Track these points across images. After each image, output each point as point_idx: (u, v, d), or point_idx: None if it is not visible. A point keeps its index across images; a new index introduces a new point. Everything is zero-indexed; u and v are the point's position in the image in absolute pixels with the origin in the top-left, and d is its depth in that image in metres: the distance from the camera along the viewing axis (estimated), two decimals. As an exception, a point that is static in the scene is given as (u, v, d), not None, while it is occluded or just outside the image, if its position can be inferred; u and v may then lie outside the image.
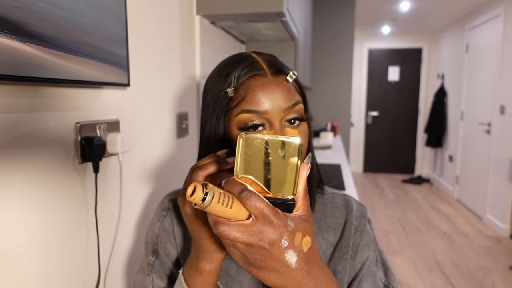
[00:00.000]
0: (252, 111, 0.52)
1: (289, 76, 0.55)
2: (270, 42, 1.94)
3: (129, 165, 0.91)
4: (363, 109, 5.95)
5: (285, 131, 0.54)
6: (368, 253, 0.61)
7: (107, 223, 0.83)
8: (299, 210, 0.41)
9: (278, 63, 0.57)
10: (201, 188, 0.35)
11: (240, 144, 0.39)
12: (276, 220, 0.37)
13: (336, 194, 0.67)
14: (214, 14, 1.28)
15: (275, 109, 0.52)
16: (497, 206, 3.45)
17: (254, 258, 0.38)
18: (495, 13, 3.55)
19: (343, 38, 3.67)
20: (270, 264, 0.38)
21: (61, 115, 0.67)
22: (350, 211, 0.64)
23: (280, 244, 0.37)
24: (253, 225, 0.37)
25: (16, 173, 0.58)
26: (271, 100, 0.53)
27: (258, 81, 0.53)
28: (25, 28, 0.54)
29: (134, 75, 0.92)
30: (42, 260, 0.64)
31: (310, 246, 0.41)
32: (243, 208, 0.37)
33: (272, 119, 0.53)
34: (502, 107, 3.40)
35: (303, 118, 0.55)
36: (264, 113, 0.52)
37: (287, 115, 0.54)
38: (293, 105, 0.54)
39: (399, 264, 2.81)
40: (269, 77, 0.54)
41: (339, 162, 2.22)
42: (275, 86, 0.53)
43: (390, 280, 0.60)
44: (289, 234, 0.38)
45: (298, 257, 0.39)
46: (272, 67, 0.56)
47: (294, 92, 0.55)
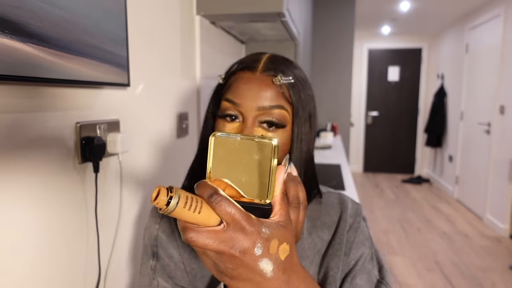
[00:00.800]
0: (229, 100, 0.55)
1: (276, 79, 0.54)
2: (270, 42, 1.94)
3: (129, 165, 0.91)
4: (363, 109, 5.95)
5: (256, 131, 0.54)
6: (363, 250, 0.61)
7: (107, 223, 0.83)
8: (276, 215, 0.38)
9: (279, 64, 0.57)
10: (165, 191, 0.32)
11: (212, 144, 0.37)
12: (248, 226, 0.35)
13: (331, 193, 0.68)
14: (214, 14, 1.28)
15: (249, 104, 0.53)
16: (497, 206, 3.45)
17: (226, 267, 0.35)
18: (495, 13, 3.55)
19: (343, 38, 3.67)
20: (243, 273, 0.35)
21: (61, 115, 0.67)
22: (345, 209, 0.64)
23: (253, 252, 0.35)
24: (224, 232, 0.34)
25: (16, 173, 0.58)
26: (248, 95, 0.53)
27: (245, 74, 0.56)
28: (25, 28, 0.54)
29: (134, 75, 0.92)
30: (42, 260, 0.64)
31: (289, 254, 0.38)
32: (214, 214, 0.35)
33: (245, 113, 0.53)
34: (502, 107, 3.40)
35: (280, 124, 0.54)
36: (238, 105, 0.54)
37: (262, 115, 0.54)
38: (270, 107, 0.53)
39: (399, 264, 2.81)
40: (257, 73, 0.55)
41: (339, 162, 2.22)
42: (258, 83, 0.54)
43: (383, 276, 0.60)
44: (263, 241, 0.35)
45: (274, 266, 0.36)
46: (266, 66, 0.56)
47: (279, 96, 0.54)
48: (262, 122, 0.54)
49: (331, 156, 2.50)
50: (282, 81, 0.55)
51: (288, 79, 0.55)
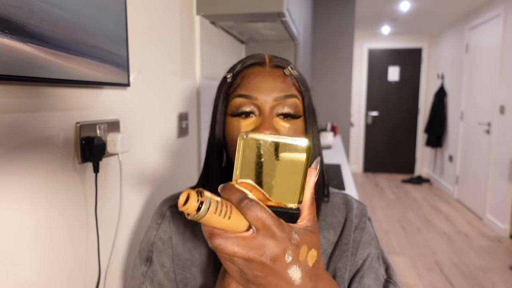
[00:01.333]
0: (243, 95, 0.54)
1: (286, 70, 0.56)
2: (270, 42, 1.94)
3: (129, 165, 0.91)
4: (363, 109, 5.95)
5: (274, 122, 0.54)
6: (370, 250, 0.61)
7: (107, 223, 0.83)
8: (304, 220, 0.37)
9: (284, 61, 0.59)
10: (196, 196, 0.31)
11: (241, 146, 0.34)
12: (279, 232, 0.33)
13: (335, 193, 0.67)
14: (214, 14, 1.28)
15: (265, 96, 0.53)
16: (497, 206, 3.45)
17: (254, 275, 0.34)
18: (495, 13, 3.55)
19: (343, 38, 3.67)
20: (272, 281, 0.34)
21: (61, 115, 0.67)
22: (350, 209, 0.64)
23: (284, 259, 0.33)
24: (254, 238, 0.33)
25: (16, 173, 0.58)
26: (263, 87, 0.54)
27: (255, 69, 0.56)
28: (25, 28, 0.54)
29: (134, 75, 0.92)
30: (42, 260, 0.64)
31: (316, 260, 0.36)
32: (243, 219, 0.33)
33: (262, 106, 0.53)
34: (502, 107, 3.40)
35: (296, 114, 0.55)
36: (254, 98, 0.53)
37: (279, 106, 0.54)
38: (285, 96, 0.54)
39: (399, 264, 2.81)
40: (267, 67, 0.57)
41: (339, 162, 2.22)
42: (270, 75, 0.55)
43: (391, 276, 0.60)
44: (294, 248, 0.34)
45: (302, 273, 0.35)
46: (274, 61, 0.58)
47: (291, 86, 0.56)
48: (279, 114, 0.54)
49: (331, 156, 2.50)
50: (292, 72, 0.56)
51: (296, 70, 0.57)
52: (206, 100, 1.39)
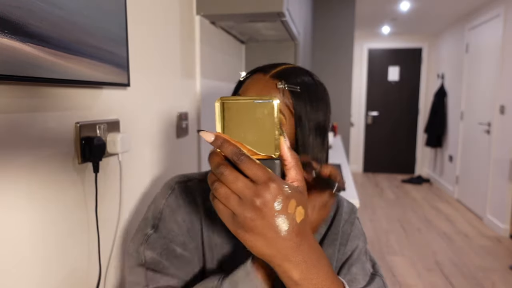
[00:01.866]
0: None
1: (280, 84, 0.58)
2: (270, 42, 1.94)
3: (129, 165, 0.91)
4: (363, 109, 5.95)
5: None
6: (358, 243, 0.66)
7: (107, 223, 0.83)
8: (295, 181, 0.41)
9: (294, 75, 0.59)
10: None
11: (218, 108, 0.40)
12: (272, 183, 0.37)
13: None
14: (214, 14, 1.28)
15: None
16: (497, 206, 3.45)
17: (244, 216, 0.37)
18: (495, 13, 3.55)
19: (343, 38, 3.67)
20: (259, 225, 0.37)
21: (61, 115, 0.67)
22: (341, 205, 0.69)
23: (273, 205, 0.37)
24: (251, 182, 0.37)
25: (16, 173, 0.58)
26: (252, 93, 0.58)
27: (258, 77, 0.60)
28: (25, 28, 0.54)
29: (134, 75, 0.92)
30: (42, 259, 0.64)
31: (303, 218, 0.40)
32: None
33: None
34: (502, 107, 3.40)
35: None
36: None
37: None
38: None
39: (399, 264, 2.81)
40: (267, 77, 0.59)
41: (339, 162, 2.22)
42: (264, 84, 0.58)
43: (377, 270, 0.64)
44: (284, 198, 0.37)
45: (289, 226, 0.38)
46: (280, 72, 0.60)
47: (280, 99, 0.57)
48: None
49: (331, 156, 2.50)
50: (286, 88, 0.57)
51: (294, 88, 0.57)
52: (206, 100, 1.39)
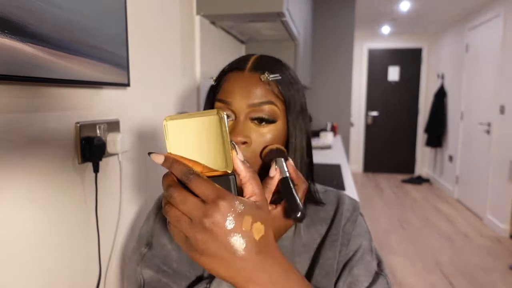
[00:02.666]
0: (221, 100, 0.57)
1: (263, 76, 0.56)
2: (270, 42, 1.94)
3: (129, 165, 0.91)
4: (363, 109, 5.95)
5: (247, 127, 0.56)
6: (361, 241, 0.62)
7: (107, 222, 0.83)
8: (252, 196, 0.38)
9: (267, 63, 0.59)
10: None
11: (166, 129, 0.38)
12: (222, 201, 0.34)
13: (329, 191, 0.70)
14: (214, 14, 1.28)
15: (239, 102, 0.55)
16: (497, 206, 3.45)
17: (196, 239, 0.35)
18: (495, 13, 3.55)
19: (343, 38, 3.67)
20: (212, 247, 0.34)
21: (61, 115, 0.67)
22: (342, 203, 0.66)
23: (224, 225, 0.34)
24: (200, 202, 0.35)
25: (16, 173, 0.58)
26: (238, 93, 0.56)
27: (235, 74, 0.58)
28: (25, 28, 0.54)
29: (134, 75, 0.92)
30: (43, 259, 0.64)
31: (263, 235, 0.37)
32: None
33: (237, 111, 0.56)
34: (502, 107, 3.40)
35: (270, 119, 0.56)
36: (229, 103, 0.56)
37: (252, 112, 0.56)
38: (260, 103, 0.55)
39: (399, 264, 2.81)
40: (245, 72, 0.58)
41: (339, 162, 2.22)
42: (247, 80, 0.56)
43: (382, 269, 0.60)
44: (236, 215, 0.35)
45: (247, 244, 0.35)
46: (254, 65, 0.58)
47: (268, 92, 0.56)
48: (253, 118, 0.56)
49: (331, 156, 2.50)
50: (270, 78, 0.56)
51: (275, 76, 0.57)
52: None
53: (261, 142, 0.56)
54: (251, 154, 0.56)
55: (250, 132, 0.56)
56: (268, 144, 0.57)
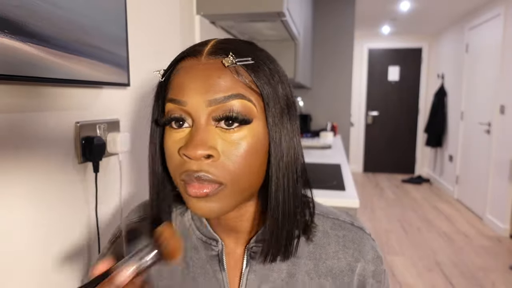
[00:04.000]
0: (172, 100, 0.41)
1: (227, 60, 0.40)
2: (270, 42, 1.94)
3: (129, 165, 0.91)
4: (363, 109, 5.95)
5: (212, 133, 0.40)
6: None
7: (107, 222, 0.83)
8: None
9: (232, 45, 0.42)
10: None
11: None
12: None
13: (342, 223, 0.51)
14: (214, 14, 1.28)
15: (196, 100, 0.39)
16: (497, 206, 3.45)
17: None
18: (495, 12, 3.55)
19: (343, 38, 3.67)
20: None
21: (61, 115, 0.67)
22: (360, 254, 0.49)
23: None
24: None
25: (16, 173, 0.58)
26: (192, 88, 0.39)
27: (187, 63, 0.42)
28: (25, 27, 0.54)
29: (134, 75, 0.92)
30: (42, 259, 0.64)
31: None
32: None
33: (194, 113, 0.40)
34: (502, 107, 3.40)
35: (244, 118, 0.39)
36: (183, 103, 0.40)
37: (216, 111, 0.40)
38: (225, 98, 0.39)
39: (399, 264, 2.81)
40: (202, 58, 0.41)
41: (339, 162, 2.22)
42: (203, 69, 0.40)
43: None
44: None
45: None
46: (214, 48, 0.42)
47: (236, 83, 0.40)
48: (218, 119, 0.40)
49: (331, 156, 2.50)
50: (236, 63, 0.40)
51: (245, 60, 0.40)
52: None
53: (233, 152, 0.40)
54: (220, 171, 0.40)
55: (216, 140, 0.40)
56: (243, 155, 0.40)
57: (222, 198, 0.41)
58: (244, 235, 0.49)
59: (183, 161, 0.40)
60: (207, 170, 0.39)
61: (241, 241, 0.50)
